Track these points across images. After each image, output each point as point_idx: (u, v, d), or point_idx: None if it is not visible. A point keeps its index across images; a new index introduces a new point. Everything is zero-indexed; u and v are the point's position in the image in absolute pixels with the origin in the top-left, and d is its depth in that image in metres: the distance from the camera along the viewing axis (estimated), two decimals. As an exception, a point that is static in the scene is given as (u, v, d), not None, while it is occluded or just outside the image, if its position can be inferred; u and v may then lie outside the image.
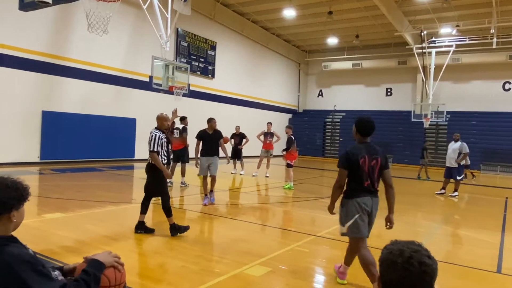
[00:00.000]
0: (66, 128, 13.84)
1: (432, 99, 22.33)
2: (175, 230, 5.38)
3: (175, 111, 6.85)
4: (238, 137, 13.73)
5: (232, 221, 6.83)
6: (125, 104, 15.89)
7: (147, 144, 5.52)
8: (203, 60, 20.15)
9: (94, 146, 14.73)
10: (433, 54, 21.94)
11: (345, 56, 26.88)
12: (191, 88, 13.64)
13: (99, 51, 14.82)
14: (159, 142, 5.43)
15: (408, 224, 7.30)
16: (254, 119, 22.30)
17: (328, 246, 5.47)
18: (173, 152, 10.49)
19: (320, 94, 29.69)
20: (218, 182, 8.12)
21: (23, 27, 12.55)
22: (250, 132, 14.52)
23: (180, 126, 10.39)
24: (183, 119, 10.61)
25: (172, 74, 12.17)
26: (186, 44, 19.05)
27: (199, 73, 19.77)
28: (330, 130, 27.73)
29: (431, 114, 22.11)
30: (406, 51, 23.55)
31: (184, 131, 10.30)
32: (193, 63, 19.11)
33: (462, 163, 11.12)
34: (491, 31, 19.18)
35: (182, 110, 14.80)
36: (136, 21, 16.00)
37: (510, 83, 22.87)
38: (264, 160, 13.70)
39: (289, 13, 20.29)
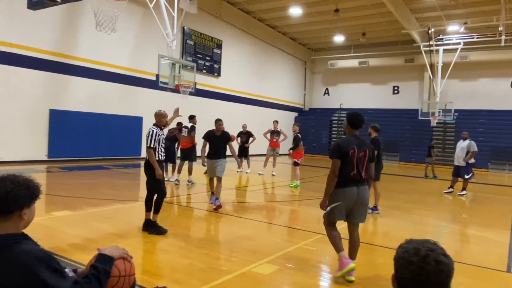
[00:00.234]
0: (73, 126, 13.92)
1: (440, 97, 22.15)
2: (151, 228, 5.34)
3: (176, 110, 6.74)
4: (245, 135, 13.72)
5: (238, 219, 6.82)
6: (131, 102, 15.95)
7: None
8: (209, 58, 20.16)
9: (101, 144, 14.81)
10: (440, 52, 21.76)
11: (351, 54, 26.75)
12: (197, 86, 13.69)
13: (106, 50, 14.89)
14: (156, 138, 5.41)
15: (415, 223, 7.26)
16: (260, 118, 22.29)
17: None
18: (181, 151, 10.54)
19: (326, 92, 29.59)
20: (225, 180, 8.06)
21: (31, 26, 12.62)
22: (255, 130, 14.51)
23: (189, 125, 10.40)
24: (191, 118, 10.62)
25: (179, 72, 12.21)
26: (192, 42, 19.07)
27: (205, 71, 19.78)
28: (336, 129, 27.62)
29: (439, 112, 21.93)
30: (413, 49, 23.37)
31: (192, 130, 10.31)
32: (199, 61, 19.13)
33: (471, 161, 11.03)
34: (500, 28, 18.99)
35: (188, 108, 14.86)
36: (142, 20, 16.04)
37: (519, 81, 22.65)
38: (271, 159, 13.68)
39: (295, 11, 20.24)
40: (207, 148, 7.61)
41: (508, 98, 22.65)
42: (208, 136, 7.58)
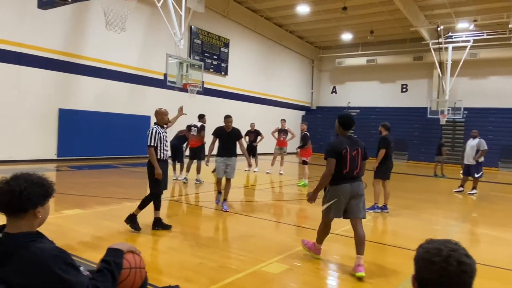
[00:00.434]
0: (82, 125, 14.02)
1: (449, 95, 21.94)
2: (129, 222, 5.35)
3: (181, 109, 6.61)
4: (253, 134, 13.70)
5: (247, 218, 6.81)
6: (140, 101, 16.01)
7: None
8: (216, 57, 20.17)
9: (109, 143, 14.89)
10: (449, 49, 21.55)
11: (359, 52, 26.59)
12: (205, 85, 13.67)
13: (114, 49, 14.96)
14: (157, 137, 5.39)
15: (425, 222, 7.19)
16: (267, 116, 22.26)
17: (345, 244, 5.40)
18: (189, 150, 10.55)
19: (334, 90, 29.45)
20: (233, 179, 8.02)
21: (40, 26, 12.72)
22: (263, 129, 14.48)
23: (198, 124, 10.39)
24: (201, 117, 10.62)
25: (186, 71, 12.22)
26: (199, 41, 19.09)
27: (212, 70, 19.79)
28: (344, 127, 27.44)
29: (448, 110, 21.72)
30: (422, 46, 23.15)
31: (202, 129, 10.30)
32: (206, 60, 19.14)
33: (480, 160, 10.91)
34: (510, 25, 18.74)
35: (196, 107, 14.88)
36: (150, 19, 16.09)
37: (529, 78, 22.34)
38: (278, 157, 13.65)
39: (302, 9, 20.17)
40: (215, 146, 7.26)
41: (518, 96, 22.38)
42: (218, 133, 7.16)
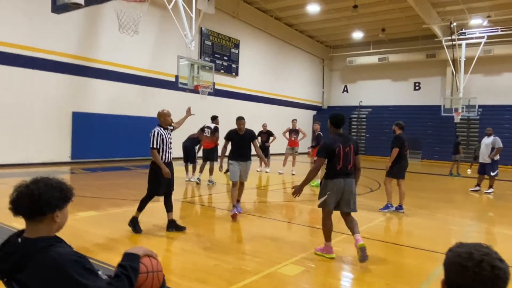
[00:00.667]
0: (95, 128, 14.16)
1: (463, 93, 21.57)
2: (131, 224, 5.43)
3: (189, 109, 6.53)
4: (266, 134, 13.64)
5: (261, 219, 6.78)
6: (151, 103, 16.10)
7: (173, 143, 5.54)
8: (226, 58, 20.19)
9: (122, 145, 15.01)
10: (463, 46, 21.19)
11: (370, 51, 26.33)
12: (216, 86, 13.69)
13: (126, 52, 15.08)
14: (159, 139, 5.39)
15: (440, 221, 7.08)
16: (278, 117, 22.20)
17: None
18: (203, 151, 10.56)
19: (345, 89, 29.24)
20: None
21: (52, 30, 12.89)
22: (274, 129, 14.43)
23: (212, 126, 10.38)
24: (214, 119, 10.62)
25: (197, 73, 12.23)
26: (210, 43, 19.13)
27: (223, 71, 19.82)
28: (356, 126, 27.28)
29: (462, 108, 21.35)
30: (435, 43, 22.81)
31: (216, 131, 10.27)
32: (217, 61, 19.17)
33: (496, 158, 10.70)
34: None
35: (207, 109, 14.92)
36: (161, 21, 16.18)
37: (546, 74, 21.87)
38: (290, 158, 13.59)
39: (313, 8, 20.07)
40: (228, 149, 6.89)
41: (534, 93, 21.92)
42: (230, 136, 6.80)
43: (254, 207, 7.90)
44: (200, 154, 10.83)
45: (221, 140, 8.50)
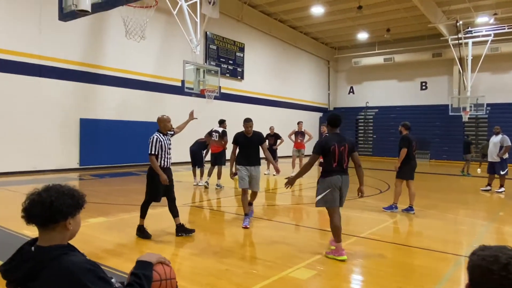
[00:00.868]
0: (103, 134, 14.24)
1: (471, 92, 21.37)
2: (139, 233, 5.44)
3: (191, 113, 6.51)
4: (273, 137, 13.59)
5: (270, 222, 6.75)
6: (158, 109, 16.12)
7: (178, 148, 5.53)
8: (232, 62, 20.23)
9: (130, 151, 15.06)
10: (470, 44, 21.02)
11: (376, 51, 26.24)
12: (222, 90, 13.73)
13: (132, 58, 15.18)
14: (157, 145, 5.38)
15: (451, 222, 7.00)
16: (284, 119, 22.16)
17: (372, 248, 5.28)
18: (211, 155, 10.55)
19: (351, 91, 29.14)
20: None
21: (59, 38, 13.01)
22: (280, 132, 14.40)
23: (219, 129, 10.36)
24: (221, 123, 10.60)
25: (203, 77, 12.28)
26: (215, 47, 19.19)
27: (228, 75, 19.86)
28: (362, 127, 27.15)
29: (470, 107, 21.17)
30: (441, 43, 22.66)
31: (224, 135, 10.22)
32: (222, 65, 19.20)
33: (505, 157, 10.59)
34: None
35: (213, 112, 14.94)
36: (166, 27, 16.26)
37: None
38: (297, 160, 13.54)
39: (317, 10, 20.05)
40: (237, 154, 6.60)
41: (543, 90, 21.66)
42: (238, 140, 6.47)
43: (263, 210, 7.87)
44: (208, 158, 10.82)
45: (229, 144, 8.13)
